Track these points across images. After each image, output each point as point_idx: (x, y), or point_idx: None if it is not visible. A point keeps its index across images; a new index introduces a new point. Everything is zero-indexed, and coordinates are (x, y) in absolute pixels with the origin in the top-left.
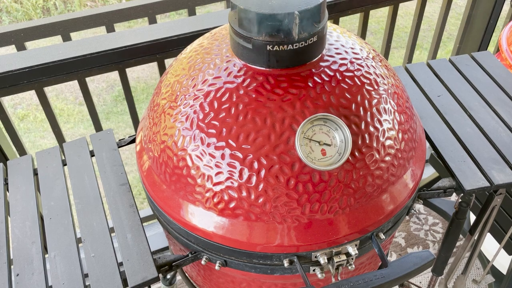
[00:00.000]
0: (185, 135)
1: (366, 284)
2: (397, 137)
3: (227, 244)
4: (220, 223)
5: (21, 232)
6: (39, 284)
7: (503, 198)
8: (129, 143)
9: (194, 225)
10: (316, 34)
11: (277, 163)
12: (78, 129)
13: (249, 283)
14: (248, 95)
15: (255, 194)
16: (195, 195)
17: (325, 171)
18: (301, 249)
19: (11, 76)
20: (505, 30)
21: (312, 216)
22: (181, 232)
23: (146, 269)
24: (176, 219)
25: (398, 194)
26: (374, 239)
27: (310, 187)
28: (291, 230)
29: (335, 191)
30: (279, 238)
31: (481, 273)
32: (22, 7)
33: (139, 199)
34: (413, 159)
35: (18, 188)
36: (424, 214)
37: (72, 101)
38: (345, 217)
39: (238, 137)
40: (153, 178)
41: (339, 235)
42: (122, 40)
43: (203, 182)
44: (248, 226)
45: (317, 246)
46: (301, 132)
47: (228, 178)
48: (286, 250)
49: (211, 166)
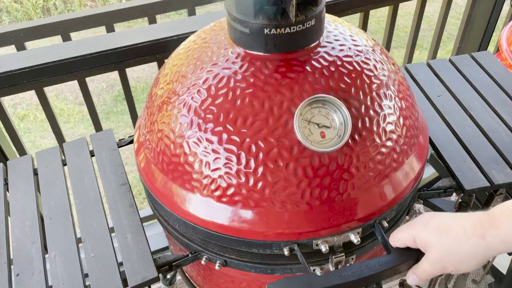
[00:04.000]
0: (182, 122)
1: (370, 271)
2: (398, 123)
3: (225, 232)
4: (218, 211)
5: (21, 232)
6: (39, 284)
7: (503, 198)
8: (129, 143)
9: (192, 214)
10: (313, 18)
11: (275, 146)
12: (78, 129)
13: (249, 283)
14: (245, 80)
15: (254, 179)
16: (193, 183)
17: (324, 155)
18: (301, 236)
19: (11, 76)
20: (505, 30)
21: (312, 201)
22: (179, 224)
23: (146, 269)
24: (174, 208)
25: (400, 181)
26: (377, 227)
27: (310, 172)
28: (291, 216)
29: (336, 175)
30: (278, 225)
31: (481, 273)
32: (22, 7)
33: (139, 199)
34: (415, 147)
35: (18, 188)
36: None
37: (72, 101)
38: (346, 203)
39: (235, 122)
40: (151, 169)
41: (341, 221)
42: (122, 40)
43: (201, 168)
44: (247, 213)
45: (318, 233)
46: (299, 114)
47: (225, 163)
48: (286, 238)
49: (209, 151)
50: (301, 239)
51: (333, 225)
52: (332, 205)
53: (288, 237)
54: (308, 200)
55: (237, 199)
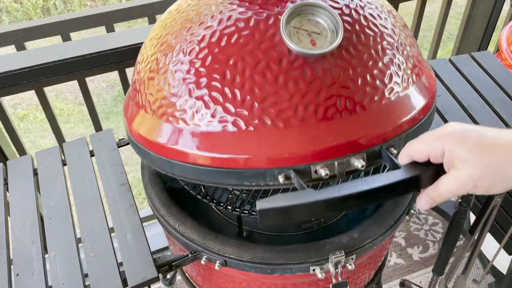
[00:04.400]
0: (166, 52)
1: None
2: (397, 46)
3: (215, 165)
4: (206, 140)
5: (21, 232)
6: (39, 284)
7: (503, 198)
8: (129, 143)
9: (178, 150)
10: None
11: (262, 59)
12: (78, 129)
13: (249, 283)
14: (231, 2)
15: (241, 95)
16: (177, 113)
17: (317, 67)
18: (298, 160)
19: (11, 76)
20: (505, 30)
21: (307, 119)
22: (165, 167)
23: (146, 269)
24: (160, 151)
25: (405, 107)
26: (384, 152)
27: (302, 85)
28: (284, 136)
29: (331, 90)
30: (271, 147)
31: (481, 273)
32: (22, 7)
33: (139, 199)
34: (419, 82)
35: (18, 188)
36: (424, 214)
37: (72, 101)
38: (346, 122)
39: (220, 41)
40: (138, 118)
41: (342, 142)
42: (122, 40)
43: (185, 95)
44: (236, 136)
45: (316, 156)
46: (287, 21)
47: (210, 84)
48: (281, 163)
49: (193, 74)
50: (297, 165)
51: (333, 146)
52: (330, 123)
53: (282, 162)
54: (302, 117)
55: (224, 120)
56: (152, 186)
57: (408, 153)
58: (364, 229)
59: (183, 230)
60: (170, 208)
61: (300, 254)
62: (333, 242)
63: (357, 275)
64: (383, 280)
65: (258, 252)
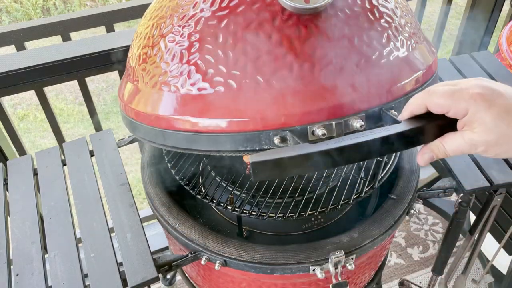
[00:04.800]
0: (159, 23)
1: (373, 136)
2: (394, 10)
3: (208, 130)
4: (198, 104)
5: (21, 232)
6: (39, 284)
7: (503, 198)
8: (129, 143)
9: (171, 117)
10: None
11: (255, 19)
12: (78, 129)
13: (249, 283)
14: None
15: (233, 56)
16: (169, 80)
17: (311, 25)
18: (293, 120)
19: (11, 76)
20: (505, 30)
21: (302, 78)
22: (158, 139)
23: (146, 269)
24: (153, 122)
25: (405, 70)
26: (384, 113)
27: (296, 43)
28: (278, 96)
29: (327, 48)
30: (265, 108)
31: (481, 273)
32: (22, 7)
33: (139, 199)
34: (419, 49)
35: (18, 188)
36: (424, 214)
37: (72, 101)
38: (343, 81)
39: (212, 4)
40: (132, 93)
41: (339, 102)
42: (122, 40)
43: (177, 61)
44: (229, 98)
45: (312, 116)
46: None
47: (202, 46)
48: (276, 124)
49: (185, 38)
50: (293, 126)
51: (330, 106)
52: (326, 82)
53: (277, 123)
54: (297, 76)
55: (216, 82)
56: (152, 186)
57: (422, 103)
58: (364, 229)
59: (183, 230)
60: (170, 208)
61: (300, 254)
62: (333, 242)
63: (357, 275)
64: (383, 280)
65: (258, 252)
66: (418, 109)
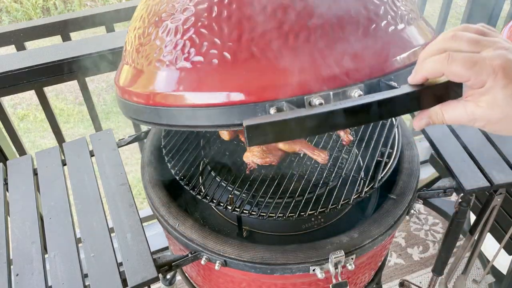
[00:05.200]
0: (154, 3)
1: (370, 98)
2: None
3: (203, 104)
4: (194, 78)
5: (21, 232)
6: (39, 284)
7: (503, 198)
8: (129, 143)
9: (166, 94)
10: None
11: None
12: (78, 129)
13: (249, 283)
14: None
15: (228, 28)
16: (164, 57)
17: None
18: (290, 91)
19: (11, 76)
20: (505, 30)
21: (298, 48)
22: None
23: (146, 269)
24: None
25: (404, 42)
26: (383, 84)
27: (291, 13)
28: (275, 67)
29: (323, 18)
30: (261, 79)
31: (481, 273)
32: (22, 7)
33: (139, 199)
34: (417, 25)
35: (18, 188)
36: (424, 214)
37: (72, 101)
38: (340, 51)
39: None
40: (127, 75)
41: (336, 71)
42: (122, 40)
43: (172, 36)
44: (224, 70)
45: (310, 87)
46: None
47: (197, 21)
48: (272, 95)
49: (180, 14)
50: (290, 97)
51: (327, 76)
52: (323, 52)
53: (273, 94)
54: (292, 46)
55: (211, 55)
56: (152, 186)
57: (440, 69)
58: (364, 229)
59: (183, 230)
60: (170, 208)
61: (300, 254)
62: (333, 242)
63: (357, 275)
64: (383, 280)
65: (258, 252)
66: (433, 75)
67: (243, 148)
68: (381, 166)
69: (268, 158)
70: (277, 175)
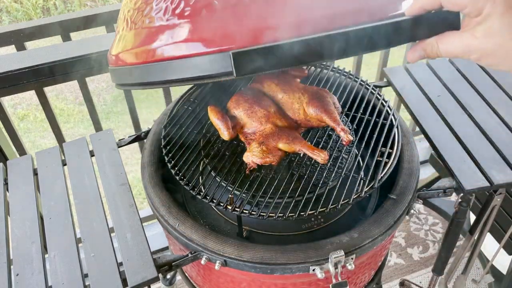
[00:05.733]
0: None
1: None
2: None
3: (200, 52)
4: (184, 29)
5: (21, 232)
6: (39, 284)
7: (503, 198)
8: (129, 143)
9: (155, 48)
10: None
11: None
12: (78, 129)
13: (249, 283)
14: None
15: None
16: (153, 14)
17: None
18: (281, 35)
19: (11, 76)
20: None
21: None
22: (145, 77)
23: (146, 269)
24: (139, 60)
25: None
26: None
27: None
28: (262, 13)
29: None
30: (251, 25)
31: (481, 273)
32: (22, 7)
33: (139, 199)
34: None
35: (18, 188)
36: (424, 214)
37: (72, 101)
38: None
39: None
40: (118, 42)
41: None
42: None
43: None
44: (212, 19)
45: (304, 30)
46: None
47: None
48: (265, 39)
49: None
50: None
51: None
52: None
53: (267, 39)
54: None
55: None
56: (152, 186)
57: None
58: (364, 229)
59: (183, 230)
60: (170, 208)
61: (300, 254)
62: (333, 242)
63: (357, 275)
64: (383, 280)
65: (258, 252)
66: (430, 5)
67: (243, 148)
68: (381, 166)
69: (268, 158)
70: (277, 175)
